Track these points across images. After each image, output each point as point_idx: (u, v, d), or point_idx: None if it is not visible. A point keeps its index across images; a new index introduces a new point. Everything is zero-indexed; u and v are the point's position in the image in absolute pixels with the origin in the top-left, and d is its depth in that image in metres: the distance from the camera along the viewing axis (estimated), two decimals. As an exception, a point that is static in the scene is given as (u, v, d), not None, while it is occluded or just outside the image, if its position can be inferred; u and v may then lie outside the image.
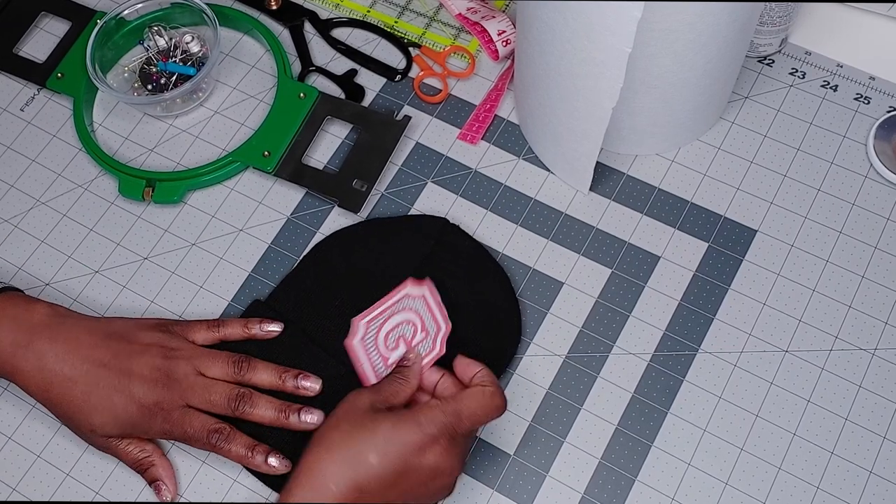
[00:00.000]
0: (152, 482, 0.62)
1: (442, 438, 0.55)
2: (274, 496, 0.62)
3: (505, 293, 0.67)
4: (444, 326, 0.63)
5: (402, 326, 0.62)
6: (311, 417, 0.62)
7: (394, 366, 0.62)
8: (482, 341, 0.65)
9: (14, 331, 0.61)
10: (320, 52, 0.79)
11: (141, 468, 0.62)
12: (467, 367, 0.60)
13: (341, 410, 0.58)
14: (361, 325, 0.62)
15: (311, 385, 0.63)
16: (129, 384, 0.60)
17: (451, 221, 0.70)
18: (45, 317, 0.62)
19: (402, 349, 0.62)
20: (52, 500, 0.63)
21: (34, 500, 0.64)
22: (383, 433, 0.55)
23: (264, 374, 0.63)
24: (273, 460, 0.61)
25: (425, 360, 0.62)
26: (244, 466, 0.63)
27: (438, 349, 0.62)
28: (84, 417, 0.61)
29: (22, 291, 0.66)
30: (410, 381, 0.60)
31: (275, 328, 0.65)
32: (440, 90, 0.76)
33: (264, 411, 0.62)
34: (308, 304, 0.67)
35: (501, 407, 0.58)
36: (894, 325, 0.66)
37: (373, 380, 0.62)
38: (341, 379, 0.63)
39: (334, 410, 0.58)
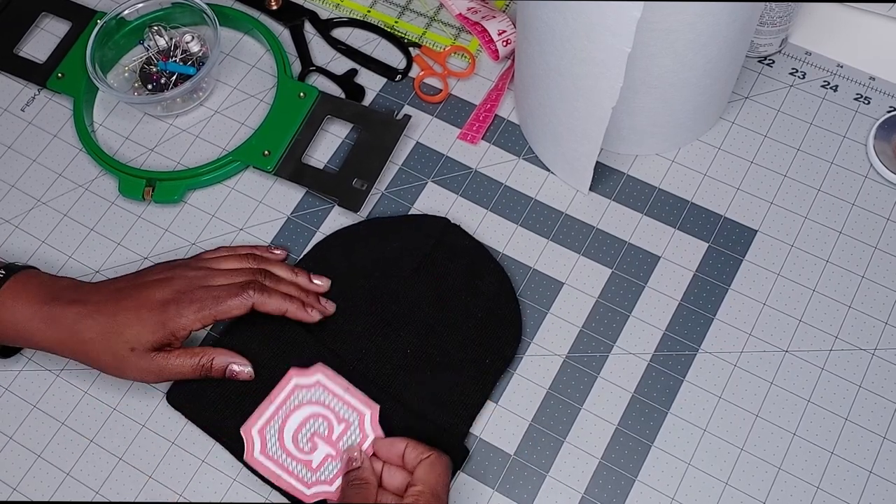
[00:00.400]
0: (225, 372, 0.62)
1: None
2: (274, 495, 0.62)
3: (505, 293, 0.67)
4: (368, 410, 0.61)
5: (311, 423, 0.60)
6: (330, 305, 0.65)
7: (320, 468, 0.60)
8: (482, 341, 0.65)
9: (40, 295, 0.62)
10: (320, 51, 0.79)
11: (205, 370, 0.62)
12: (391, 447, 0.60)
13: None
14: (255, 435, 0.60)
15: (322, 283, 0.66)
16: (147, 289, 0.62)
17: (452, 221, 0.70)
18: (68, 283, 0.64)
19: (323, 449, 0.60)
20: (52, 500, 0.64)
21: (34, 500, 0.64)
22: None
23: (278, 268, 0.66)
24: (309, 308, 0.63)
25: (364, 447, 0.60)
26: (244, 465, 0.63)
27: (374, 433, 0.60)
28: (118, 338, 0.60)
29: (39, 270, 0.67)
30: (371, 480, 0.58)
31: (279, 252, 0.68)
32: (440, 90, 0.76)
33: (287, 287, 0.64)
34: None
35: (449, 462, 0.59)
36: (894, 326, 0.66)
37: (305, 491, 0.60)
38: (346, 376, 0.64)
39: None
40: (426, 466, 0.58)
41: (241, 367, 0.62)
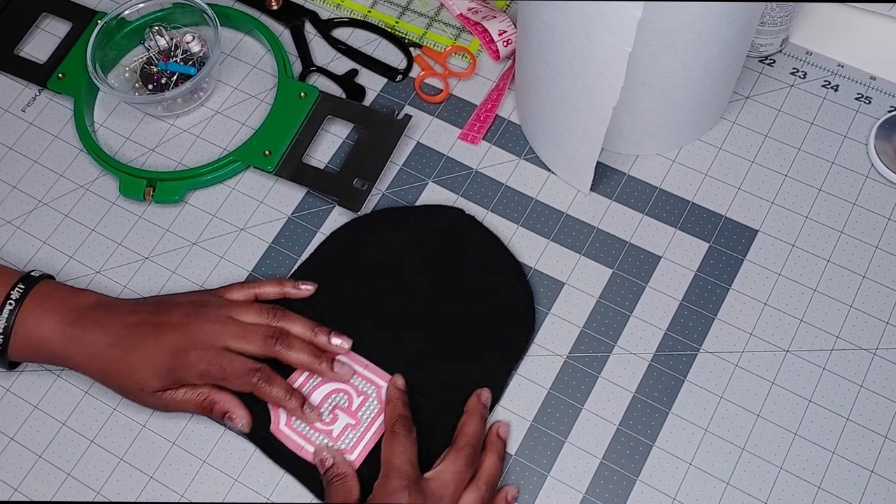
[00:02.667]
0: (223, 416, 0.62)
1: (404, 489, 0.57)
2: (276, 495, 0.62)
3: (519, 284, 0.67)
4: (385, 382, 0.64)
5: (332, 397, 0.63)
6: (344, 370, 0.64)
7: (341, 437, 0.62)
8: (495, 332, 0.65)
9: (62, 313, 0.63)
10: (321, 52, 0.79)
11: (206, 409, 0.62)
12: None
13: None
14: (281, 410, 0.63)
15: (342, 343, 0.64)
16: (162, 333, 0.62)
17: (467, 213, 0.70)
18: (91, 301, 0.64)
19: (344, 419, 0.63)
20: (53, 500, 0.64)
21: (35, 500, 0.64)
22: None
23: (298, 326, 0.64)
24: (307, 409, 0.62)
25: (377, 424, 0.63)
26: (259, 443, 0.63)
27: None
28: (129, 377, 0.62)
29: (53, 280, 0.67)
30: (347, 471, 0.60)
31: (308, 287, 0.67)
32: (441, 90, 0.76)
33: (300, 354, 0.63)
34: (323, 291, 0.67)
35: (402, 418, 0.61)
36: (895, 325, 0.66)
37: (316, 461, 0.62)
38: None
39: None
40: (386, 439, 0.60)
41: (240, 418, 0.62)
